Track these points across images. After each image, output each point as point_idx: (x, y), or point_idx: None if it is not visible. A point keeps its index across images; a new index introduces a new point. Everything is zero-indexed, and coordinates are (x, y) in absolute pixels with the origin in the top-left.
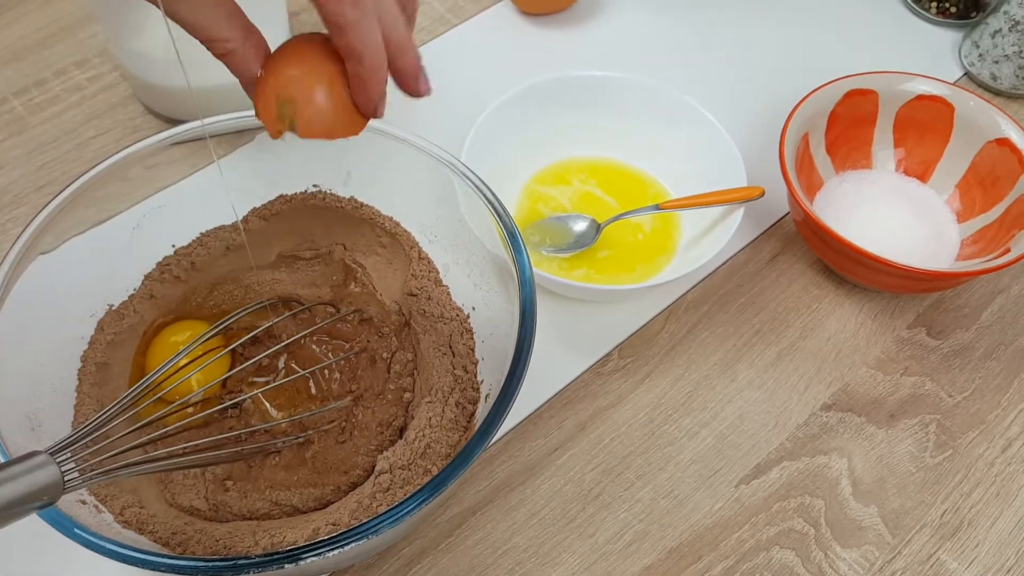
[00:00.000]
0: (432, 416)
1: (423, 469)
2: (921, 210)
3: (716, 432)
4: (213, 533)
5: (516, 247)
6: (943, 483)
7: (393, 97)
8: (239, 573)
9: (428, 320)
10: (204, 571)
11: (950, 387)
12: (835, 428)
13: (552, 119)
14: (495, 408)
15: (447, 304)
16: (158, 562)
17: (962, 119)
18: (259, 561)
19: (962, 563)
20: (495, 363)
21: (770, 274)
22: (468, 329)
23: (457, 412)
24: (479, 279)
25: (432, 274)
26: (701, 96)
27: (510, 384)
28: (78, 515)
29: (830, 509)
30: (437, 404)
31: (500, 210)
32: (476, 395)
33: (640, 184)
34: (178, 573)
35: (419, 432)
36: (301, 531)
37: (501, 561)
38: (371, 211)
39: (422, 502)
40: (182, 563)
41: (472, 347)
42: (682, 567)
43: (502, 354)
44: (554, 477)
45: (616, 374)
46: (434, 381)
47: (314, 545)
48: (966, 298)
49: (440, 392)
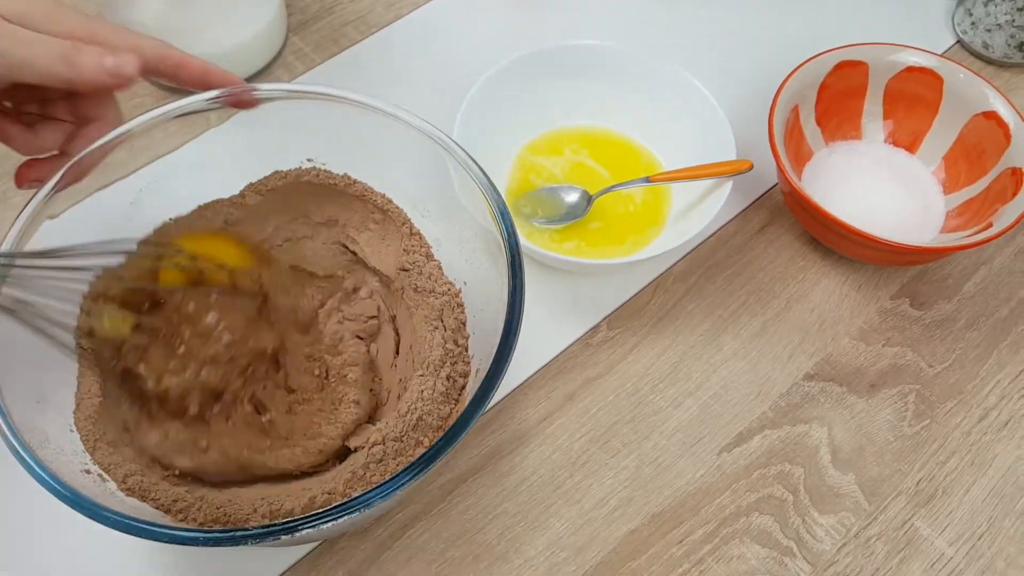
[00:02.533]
0: (424, 389)
1: (415, 441)
2: (908, 182)
3: (700, 402)
4: (213, 500)
5: (507, 227)
6: (920, 452)
7: (386, 71)
8: (237, 543)
9: (420, 295)
10: (203, 542)
11: (931, 357)
12: (816, 398)
13: (545, 89)
14: (485, 382)
15: (439, 279)
16: (158, 532)
17: (951, 91)
18: (257, 533)
19: (935, 529)
20: (486, 337)
21: (758, 245)
22: (459, 304)
23: (448, 385)
24: (470, 255)
25: (423, 249)
26: (692, 67)
27: (500, 359)
28: (82, 485)
29: (809, 476)
30: (429, 377)
31: (490, 190)
32: (467, 368)
33: (632, 154)
34: (178, 543)
35: (411, 405)
36: (298, 500)
37: (491, 526)
38: (363, 187)
39: (417, 473)
40: (182, 533)
41: (463, 321)
42: (664, 532)
43: (492, 328)
44: (543, 445)
45: (605, 345)
46: (426, 354)
47: (310, 518)
48: (949, 269)
49: (431, 365)
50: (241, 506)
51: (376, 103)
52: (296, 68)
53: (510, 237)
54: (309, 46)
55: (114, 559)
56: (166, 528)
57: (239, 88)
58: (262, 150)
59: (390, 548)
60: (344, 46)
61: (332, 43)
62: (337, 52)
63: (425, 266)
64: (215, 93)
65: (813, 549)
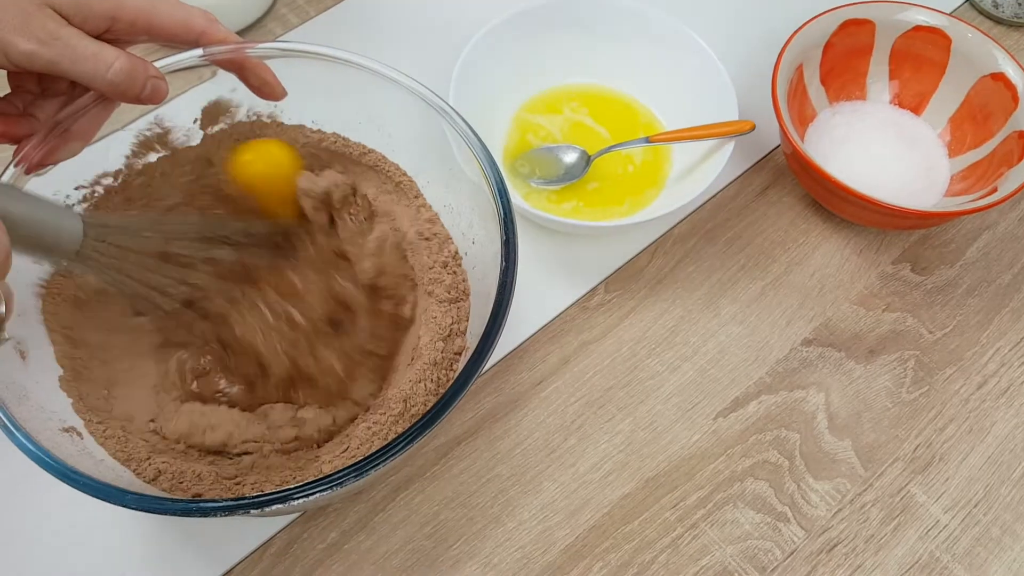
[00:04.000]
0: (427, 363)
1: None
2: (913, 143)
3: (697, 366)
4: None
5: (505, 204)
6: (918, 418)
7: (382, 24)
8: (206, 515)
9: (428, 271)
10: (172, 511)
11: (931, 323)
12: (814, 363)
13: (544, 45)
14: (474, 358)
15: (444, 249)
16: (126, 497)
17: (959, 51)
18: (225, 505)
19: (931, 496)
20: (484, 305)
21: (759, 207)
22: (464, 276)
23: (447, 357)
24: (467, 227)
25: (432, 221)
26: (696, 24)
27: (490, 334)
28: (57, 445)
29: (805, 442)
30: (435, 351)
31: (486, 160)
32: (464, 343)
33: (632, 113)
34: (147, 511)
35: (419, 374)
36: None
37: (485, 488)
38: (378, 157)
39: (402, 448)
40: (153, 503)
41: (467, 292)
42: (658, 496)
43: (488, 296)
44: (538, 409)
45: (601, 308)
46: (433, 327)
47: (289, 491)
48: (952, 234)
49: (438, 338)
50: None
51: (372, 64)
52: (290, 21)
53: (506, 214)
54: None
55: (105, 518)
56: (134, 494)
57: (231, 47)
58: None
59: (384, 510)
60: None
61: None
62: (332, 4)
63: (433, 240)
64: (206, 51)
65: (808, 515)
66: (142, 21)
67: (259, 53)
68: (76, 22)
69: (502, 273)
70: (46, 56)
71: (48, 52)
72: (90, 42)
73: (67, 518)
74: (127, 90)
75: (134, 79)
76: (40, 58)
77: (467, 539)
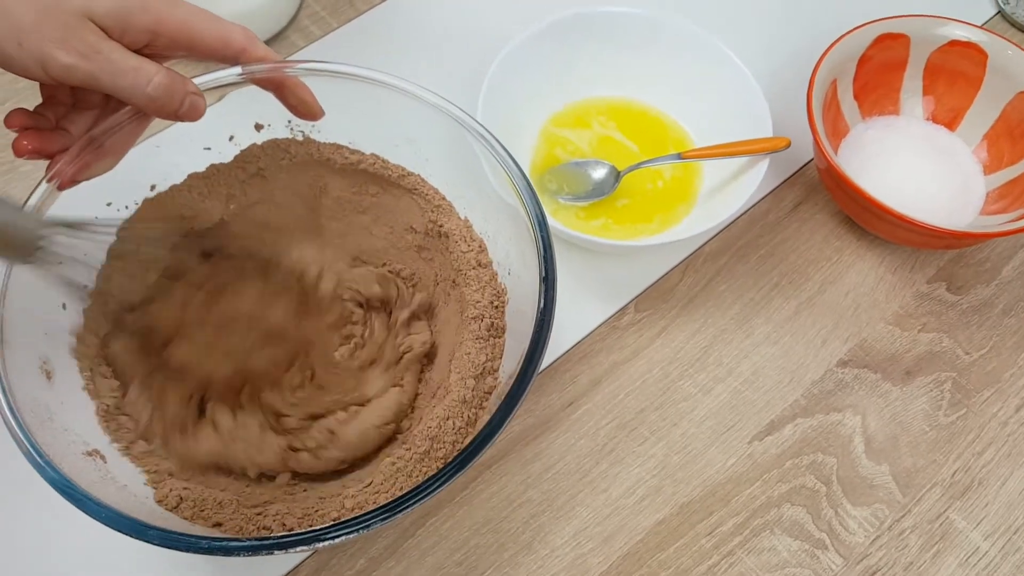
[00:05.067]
0: (455, 402)
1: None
2: (947, 160)
3: (731, 388)
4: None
5: (543, 231)
6: (955, 442)
7: (406, 36)
8: (229, 554)
9: (464, 303)
10: (192, 548)
11: (967, 344)
12: (850, 385)
13: (573, 57)
14: (507, 402)
15: (486, 281)
16: (147, 531)
17: (995, 67)
18: (249, 545)
19: (971, 522)
20: (517, 343)
21: (791, 224)
22: (503, 303)
23: (478, 395)
24: (503, 257)
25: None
26: (728, 37)
27: (526, 369)
28: (79, 470)
29: (842, 467)
30: (463, 390)
31: (527, 191)
32: (495, 382)
33: (661, 128)
34: (169, 547)
35: (447, 410)
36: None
37: (515, 514)
38: (416, 180)
39: (440, 485)
40: (173, 536)
41: (503, 328)
42: (693, 522)
43: (522, 333)
44: (568, 432)
45: (632, 328)
46: (466, 364)
47: (306, 535)
48: (988, 252)
49: (469, 377)
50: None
51: (410, 87)
52: (312, 33)
53: (546, 249)
54: (325, 9)
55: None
56: (158, 530)
57: (271, 66)
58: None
59: (413, 536)
60: (361, 9)
61: (348, 6)
62: (354, 16)
63: (484, 270)
64: (245, 69)
65: (846, 542)
66: (183, 36)
67: (298, 72)
68: (116, 35)
69: (540, 312)
70: (86, 70)
71: (88, 66)
72: (130, 56)
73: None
74: (165, 105)
75: (173, 95)
76: (80, 72)
77: (498, 566)
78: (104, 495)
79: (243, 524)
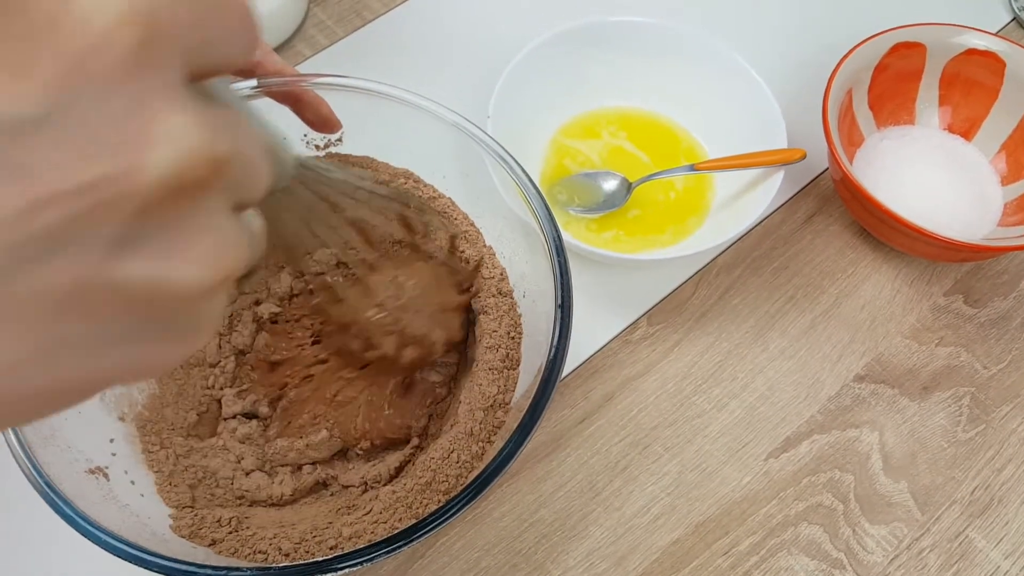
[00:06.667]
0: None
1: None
2: (964, 171)
3: (746, 404)
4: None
5: (561, 257)
6: (974, 459)
7: (412, 46)
8: None
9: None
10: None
11: (985, 358)
12: (867, 400)
13: (582, 67)
14: (515, 438)
15: (506, 310)
16: (142, 558)
17: (1013, 76)
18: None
19: (991, 541)
20: (527, 372)
21: (805, 236)
22: (519, 333)
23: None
24: (518, 279)
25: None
26: (742, 46)
27: (538, 401)
28: (79, 490)
29: (860, 484)
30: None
31: (545, 217)
32: (504, 417)
33: (672, 138)
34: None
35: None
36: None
37: (527, 533)
38: (446, 202)
39: (444, 520)
40: (173, 565)
41: (518, 360)
42: (709, 542)
43: (532, 363)
44: (581, 449)
45: (645, 342)
46: (477, 394)
47: (308, 567)
48: (1005, 264)
49: (482, 408)
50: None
51: (430, 105)
52: (318, 42)
53: (563, 275)
54: (331, 19)
55: None
56: (160, 558)
57: (287, 79)
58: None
59: (423, 556)
60: (367, 19)
61: (355, 15)
62: (360, 25)
63: (504, 299)
64: (260, 82)
65: (864, 561)
66: None
67: (313, 86)
68: None
69: (554, 342)
70: None
71: None
72: None
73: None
74: None
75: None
76: None
77: None
78: (104, 517)
79: (236, 547)
